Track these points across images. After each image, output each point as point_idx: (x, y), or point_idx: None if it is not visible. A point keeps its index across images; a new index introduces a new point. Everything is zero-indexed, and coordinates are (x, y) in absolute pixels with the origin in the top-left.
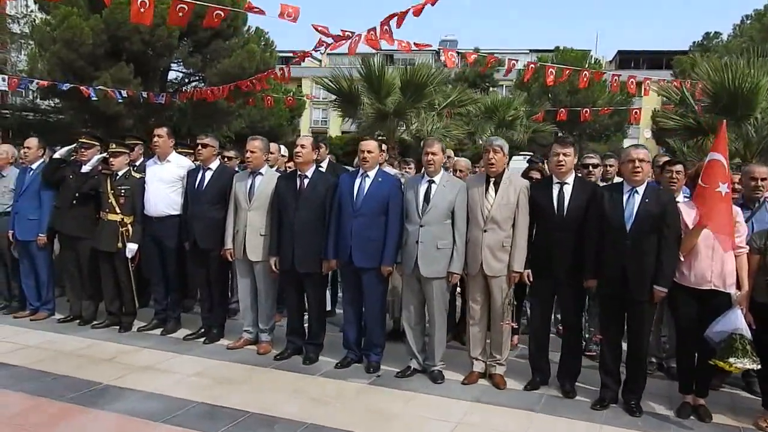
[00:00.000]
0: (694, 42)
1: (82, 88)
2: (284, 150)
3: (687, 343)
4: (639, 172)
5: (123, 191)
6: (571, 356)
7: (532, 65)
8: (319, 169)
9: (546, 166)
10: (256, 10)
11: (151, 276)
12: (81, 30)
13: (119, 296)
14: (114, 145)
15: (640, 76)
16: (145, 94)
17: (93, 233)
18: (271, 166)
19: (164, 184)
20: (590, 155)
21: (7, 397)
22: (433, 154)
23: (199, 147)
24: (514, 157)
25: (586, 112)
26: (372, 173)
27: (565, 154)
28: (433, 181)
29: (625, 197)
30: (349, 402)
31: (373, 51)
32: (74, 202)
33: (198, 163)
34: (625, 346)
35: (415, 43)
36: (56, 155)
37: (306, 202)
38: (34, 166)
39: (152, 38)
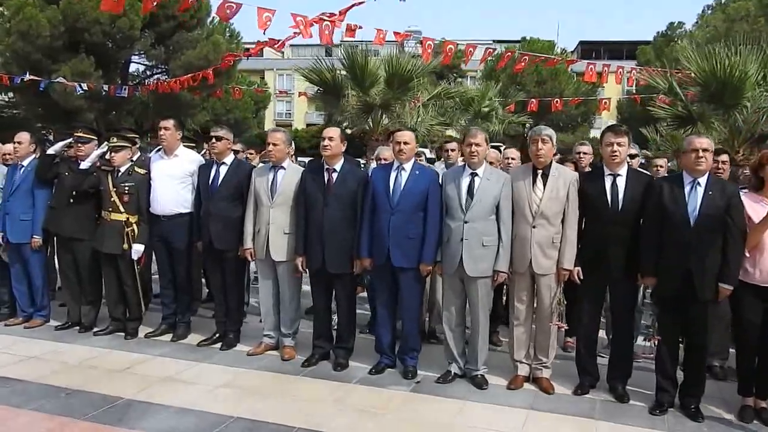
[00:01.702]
0: (658, 32)
1: (36, 79)
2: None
3: (748, 343)
4: (703, 162)
5: (126, 189)
6: (623, 358)
7: (508, 53)
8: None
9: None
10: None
11: (160, 278)
12: (37, 22)
13: (123, 301)
14: (115, 139)
15: (614, 65)
16: (106, 87)
17: (92, 234)
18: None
19: (173, 181)
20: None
21: (22, 417)
22: (477, 144)
23: (213, 140)
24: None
25: (557, 102)
26: (408, 166)
27: (619, 144)
28: (477, 174)
29: (686, 189)
30: (397, 413)
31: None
32: (71, 201)
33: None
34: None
35: (394, 32)
36: (50, 150)
37: (336, 198)
38: (25, 163)
39: (113, 30)
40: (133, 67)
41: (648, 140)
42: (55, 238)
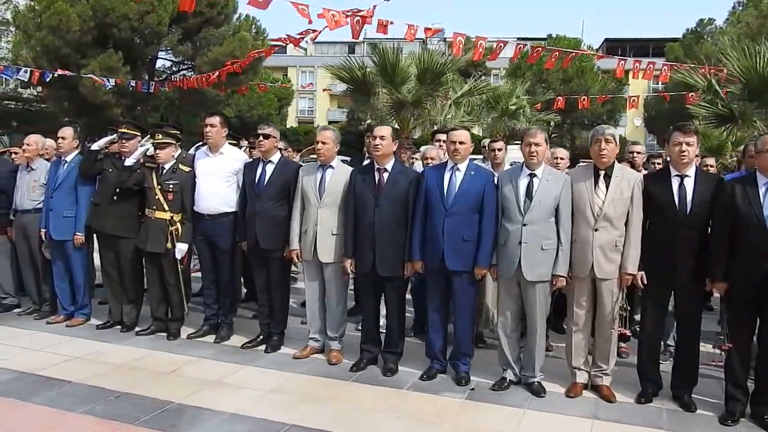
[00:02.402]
0: (687, 29)
1: (68, 73)
2: None
3: None
4: None
5: (171, 186)
6: (689, 365)
7: (539, 49)
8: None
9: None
10: None
11: (203, 278)
12: (67, 16)
13: (165, 300)
14: (160, 136)
15: (644, 62)
16: (133, 83)
17: (135, 232)
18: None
19: (218, 179)
20: None
21: (73, 420)
22: (536, 144)
23: (260, 138)
24: (510, 146)
25: (584, 99)
26: (463, 166)
27: (688, 143)
28: (535, 175)
29: (761, 191)
30: (455, 421)
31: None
32: (114, 198)
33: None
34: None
35: (425, 28)
36: (94, 146)
37: (387, 199)
38: (68, 159)
39: (141, 25)
40: (158, 63)
41: None
42: (95, 236)
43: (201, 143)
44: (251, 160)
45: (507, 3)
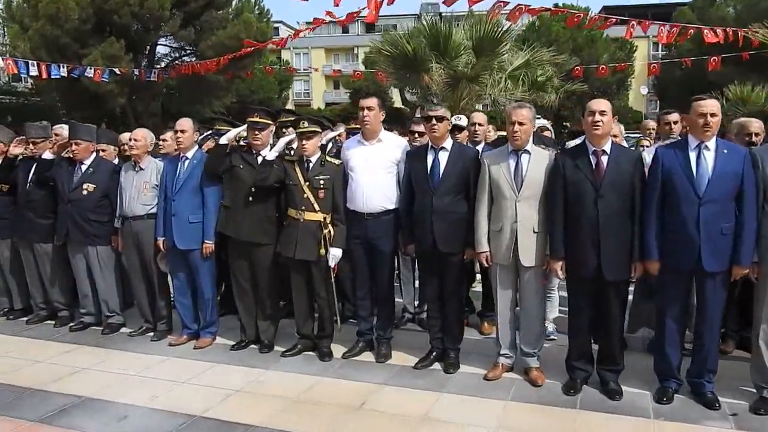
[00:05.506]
0: None
1: (70, 68)
2: None
3: None
4: None
5: (322, 183)
6: None
7: (578, 15)
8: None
9: None
10: None
11: (357, 288)
12: (65, 4)
13: (313, 315)
14: (306, 124)
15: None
16: (136, 72)
17: (273, 237)
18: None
19: (378, 171)
20: None
21: None
22: None
23: (433, 120)
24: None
25: (603, 68)
26: (712, 144)
27: None
28: None
29: None
30: None
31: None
32: (250, 199)
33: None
34: None
35: None
36: (222, 140)
37: (611, 188)
38: (189, 155)
39: (142, 10)
40: (160, 50)
41: None
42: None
43: None
44: (415, 147)
45: None
